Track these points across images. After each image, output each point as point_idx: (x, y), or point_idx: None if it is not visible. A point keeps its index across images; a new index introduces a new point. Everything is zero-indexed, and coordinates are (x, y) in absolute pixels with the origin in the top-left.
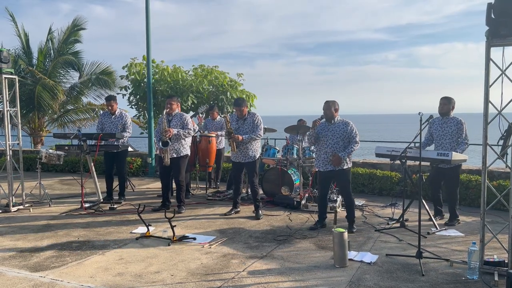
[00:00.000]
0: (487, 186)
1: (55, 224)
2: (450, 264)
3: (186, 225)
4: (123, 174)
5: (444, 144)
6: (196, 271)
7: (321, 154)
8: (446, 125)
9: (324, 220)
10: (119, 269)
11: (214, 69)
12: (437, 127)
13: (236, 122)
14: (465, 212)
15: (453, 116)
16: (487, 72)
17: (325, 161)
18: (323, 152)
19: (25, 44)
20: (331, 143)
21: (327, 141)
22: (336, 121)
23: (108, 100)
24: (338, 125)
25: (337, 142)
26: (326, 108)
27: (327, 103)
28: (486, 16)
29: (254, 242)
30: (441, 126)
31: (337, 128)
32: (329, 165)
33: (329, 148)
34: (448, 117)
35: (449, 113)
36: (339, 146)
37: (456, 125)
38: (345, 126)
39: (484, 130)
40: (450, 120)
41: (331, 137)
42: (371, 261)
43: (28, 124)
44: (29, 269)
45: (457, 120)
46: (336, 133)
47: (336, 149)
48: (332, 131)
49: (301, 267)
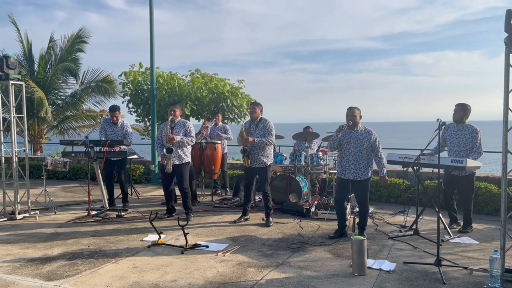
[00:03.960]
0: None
1: (63, 232)
2: (469, 272)
3: (197, 232)
4: (123, 181)
5: (458, 152)
6: (213, 280)
7: (343, 162)
8: (461, 132)
9: (344, 228)
10: (134, 277)
11: (214, 77)
12: (452, 133)
13: (249, 126)
14: (476, 219)
15: (468, 124)
16: (507, 78)
17: (346, 168)
18: (345, 159)
19: (27, 51)
20: (354, 151)
21: (350, 148)
22: (359, 129)
23: (114, 111)
24: (361, 133)
25: (360, 150)
26: (351, 114)
27: (351, 109)
28: (505, 22)
29: (268, 250)
30: (456, 133)
31: (360, 136)
32: (350, 174)
33: (351, 156)
34: (463, 124)
35: (463, 120)
36: (362, 154)
37: (471, 133)
38: (368, 135)
39: (504, 137)
40: (465, 127)
41: (354, 144)
42: (390, 269)
43: (28, 131)
44: (43, 278)
45: (473, 129)
46: (359, 141)
47: (359, 157)
48: (355, 138)
49: (319, 276)
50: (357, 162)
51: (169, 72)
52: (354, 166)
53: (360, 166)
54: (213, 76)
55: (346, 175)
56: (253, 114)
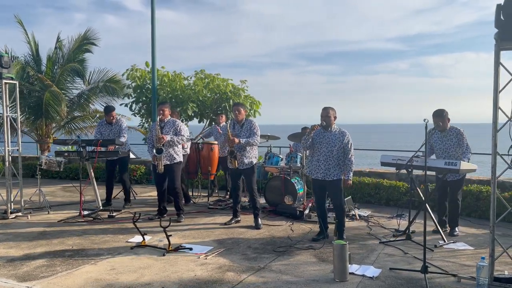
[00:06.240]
0: (498, 197)
1: (51, 232)
2: (458, 279)
3: (184, 234)
4: (126, 181)
5: (448, 157)
6: (188, 284)
7: (313, 161)
8: (446, 138)
9: (326, 230)
10: (109, 279)
11: (216, 77)
12: (437, 140)
13: (233, 128)
14: (475, 224)
15: (451, 127)
16: (496, 77)
17: (316, 168)
18: (315, 159)
19: (35, 51)
20: (325, 151)
21: (321, 148)
22: (333, 130)
23: (110, 111)
24: (334, 134)
25: (331, 151)
26: (325, 114)
27: (326, 109)
28: (495, 17)
29: (252, 253)
30: (441, 140)
31: (333, 136)
32: (319, 174)
33: (322, 156)
34: (446, 130)
35: (446, 127)
36: (332, 155)
37: (456, 136)
38: (341, 136)
39: (493, 138)
40: (449, 132)
41: (326, 145)
42: (373, 276)
43: (36, 131)
44: (17, 278)
45: (457, 131)
46: (331, 142)
47: (329, 158)
48: (328, 139)
49: (299, 281)
50: (327, 163)
51: (173, 72)
52: (324, 166)
53: (329, 167)
54: (215, 76)
55: (315, 174)
56: (238, 115)
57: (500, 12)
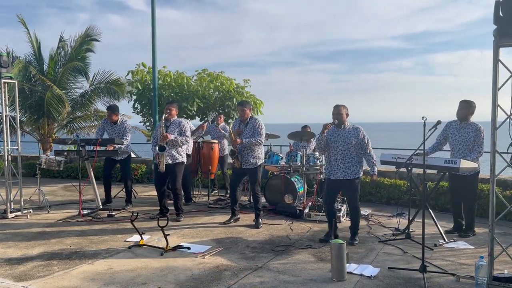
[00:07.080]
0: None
1: (50, 231)
2: (457, 279)
3: (183, 233)
4: (128, 181)
5: (461, 150)
6: (185, 283)
7: (331, 162)
8: (464, 130)
9: (335, 230)
10: (105, 279)
11: (220, 75)
12: (454, 131)
13: (238, 127)
14: (476, 223)
15: (472, 122)
16: (495, 74)
17: (335, 168)
18: (333, 159)
19: (37, 51)
20: (342, 150)
21: (337, 147)
22: (346, 127)
23: (114, 111)
24: (349, 131)
25: (348, 148)
26: (337, 112)
27: (338, 107)
28: (494, 14)
29: (251, 252)
30: (459, 131)
31: (348, 134)
32: (340, 174)
33: (340, 155)
34: (467, 122)
35: (467, 118)
36: (350, 152)
37: (474, 131)
38: (356, 132)
39: (492, 135)
40: (468, 126)
41: (342, 143)
42: (371, 275)
43: (38, 130)
44: (14, 278)
45: (476, 127)
46: (347, 140)
47: (347, 156)
48: (343, 137)
49: (296, 281)
50: (346, 161)
51: (176, 71)
52: (343, 165)
53: (349, 165)
54: (219, 74)
55: (335, 175)
56: (243, 115)
57: (499, 9)
